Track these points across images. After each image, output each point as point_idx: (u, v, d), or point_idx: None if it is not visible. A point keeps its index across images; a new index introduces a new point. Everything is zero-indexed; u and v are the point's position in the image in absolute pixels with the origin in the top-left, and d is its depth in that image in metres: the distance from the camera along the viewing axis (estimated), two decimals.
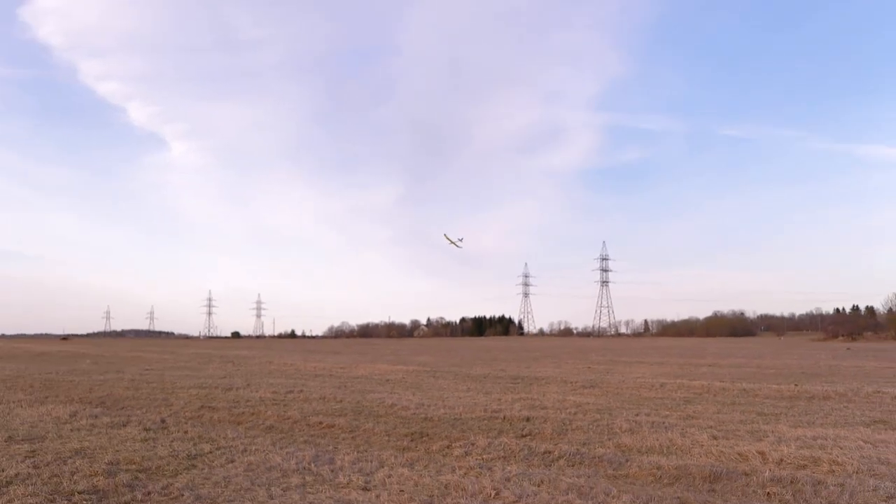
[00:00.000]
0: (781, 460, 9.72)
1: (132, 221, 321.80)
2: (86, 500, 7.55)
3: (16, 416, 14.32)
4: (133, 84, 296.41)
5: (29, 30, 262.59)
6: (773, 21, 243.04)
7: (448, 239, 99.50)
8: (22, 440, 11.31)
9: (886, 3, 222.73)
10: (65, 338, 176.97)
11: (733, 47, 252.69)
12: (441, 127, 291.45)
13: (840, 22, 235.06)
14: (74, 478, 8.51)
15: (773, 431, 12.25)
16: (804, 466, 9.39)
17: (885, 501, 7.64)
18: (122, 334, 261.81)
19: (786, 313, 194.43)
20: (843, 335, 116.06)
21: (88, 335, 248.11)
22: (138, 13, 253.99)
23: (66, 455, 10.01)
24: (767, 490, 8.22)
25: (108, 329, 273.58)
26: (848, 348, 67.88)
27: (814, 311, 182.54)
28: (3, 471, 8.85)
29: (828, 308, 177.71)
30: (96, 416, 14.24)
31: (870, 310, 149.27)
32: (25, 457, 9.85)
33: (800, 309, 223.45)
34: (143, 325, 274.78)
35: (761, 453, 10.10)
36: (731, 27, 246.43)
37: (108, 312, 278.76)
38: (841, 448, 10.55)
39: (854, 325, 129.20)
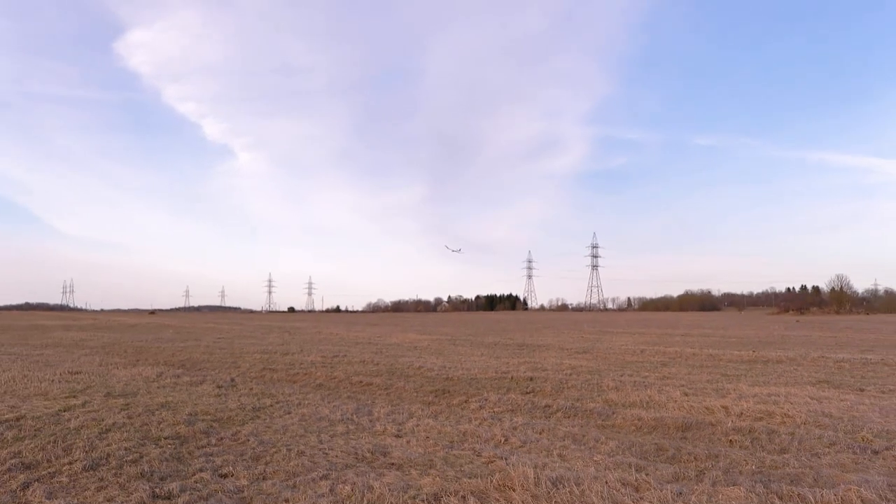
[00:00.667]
0: (741, 413, 9.63)
1: (207, 217, 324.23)
2: (170, 444, 7.68)
3: (113, 376, 14.57)
4: (207, 104, 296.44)
5: (122, 60, 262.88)
6: (738, 45, 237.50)
7: (449, 248, 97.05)
8: (118, 395, 11.50)
9: (837, 28, 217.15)
10: (152, 312, 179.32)
11: (702, 70, 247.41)
12: (459, 138, 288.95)
13: (793, 46, 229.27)
14: (161, 426, 8.67)
15: (734, 389, 12.12)
16: (761, 418, 9.30)
17: (829, 447, 7.55)
18: (199, 309, 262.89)
19: (745, 291, 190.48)
20: (793, 310, 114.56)
21: (171, 310, 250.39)
22: (212, 45, 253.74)
23: (153, 407, 10.18)
24: (730, 438, 8.17)
25: (187, 305, 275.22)
26: (797, 321, 66.91)
27: (769, 290, 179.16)
28: (103, 420, 9.02)
29: (780, 287, 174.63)
30: (178, 376, 14.45)
31: (815, 289, 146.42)
32: (121, 409, 10.02)
33: (757, 288, 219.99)
34: (216, 301, 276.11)
35: (725, 407, 10.02)
36: (700, 52, 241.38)
37: (187, 291, 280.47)
38: (791, 403, 10.42)
39: (802, 301, 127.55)
